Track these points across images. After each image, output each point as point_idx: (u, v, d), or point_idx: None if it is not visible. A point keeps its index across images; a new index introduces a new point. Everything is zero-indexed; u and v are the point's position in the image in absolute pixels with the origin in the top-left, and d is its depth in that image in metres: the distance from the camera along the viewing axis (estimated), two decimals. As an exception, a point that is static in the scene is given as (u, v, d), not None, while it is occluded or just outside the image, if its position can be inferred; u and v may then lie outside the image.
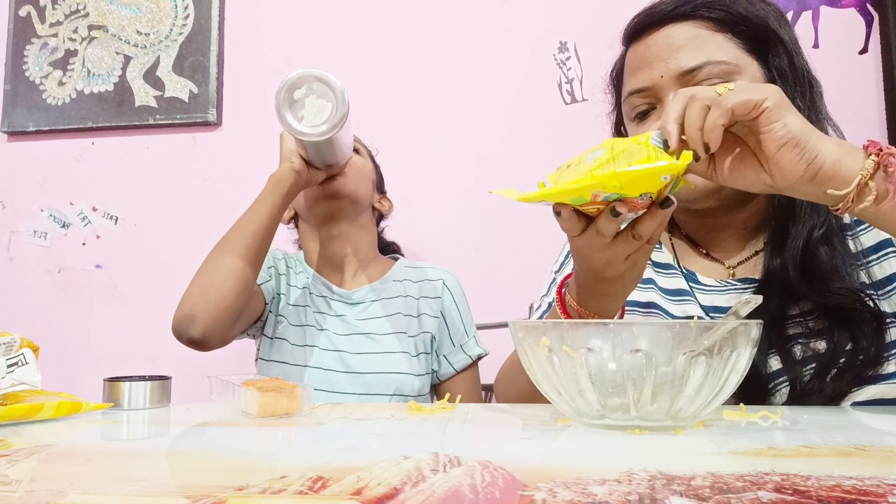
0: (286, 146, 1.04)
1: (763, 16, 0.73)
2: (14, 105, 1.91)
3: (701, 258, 0.82)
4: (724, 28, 0.72)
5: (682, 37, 0.72)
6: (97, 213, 1.87)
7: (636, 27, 0.77)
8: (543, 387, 0.56)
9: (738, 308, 0.55)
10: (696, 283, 0.80)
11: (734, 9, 0.72)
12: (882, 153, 0.53)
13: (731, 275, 0.79)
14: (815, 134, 0.55)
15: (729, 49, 0.72)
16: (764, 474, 0.36)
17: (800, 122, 0.54)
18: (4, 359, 0.65)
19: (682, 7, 0.73)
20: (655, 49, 0.74)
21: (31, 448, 0.48)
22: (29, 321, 1.83)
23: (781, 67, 0.72)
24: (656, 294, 0.82)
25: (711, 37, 0.72)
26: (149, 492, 0.35)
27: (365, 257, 1.20)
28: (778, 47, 0.73)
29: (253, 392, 0.63)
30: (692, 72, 0.71)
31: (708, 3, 0.73)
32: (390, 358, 1.11)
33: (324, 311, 1.15)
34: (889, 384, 0.68)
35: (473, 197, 1.68)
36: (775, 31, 0.73)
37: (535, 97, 1.70)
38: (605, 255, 0.59)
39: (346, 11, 1.80)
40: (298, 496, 0.33)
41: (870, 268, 0.72)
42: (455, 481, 0.35)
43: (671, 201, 0.56)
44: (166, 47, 1.86)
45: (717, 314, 0.77)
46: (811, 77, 0.75)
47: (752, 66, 0.72)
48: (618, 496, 0.32)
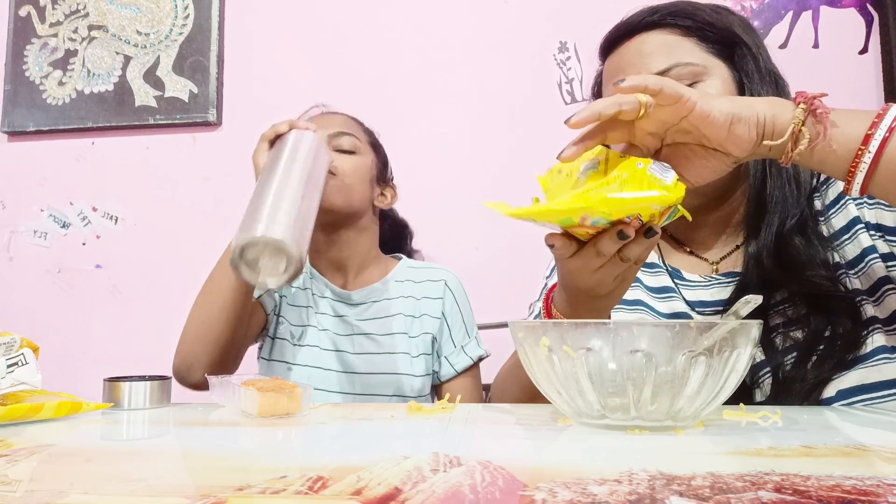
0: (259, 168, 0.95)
1: (728, 22, 0.78)
2: (14, 105, 1.91)
3: (685, 255, 0.85)
4: (690, 34, 0.77)
5: (652, 44, 0.77)
6: (97, 213, 1.87)
7: (609, 40, 0.82)
8: (543, 387, 0.56)
9: (738, 308, 0.55)
10: (680, 280, 0.83)
11: (700, 16, 0.77)
12: (808, 99, 0.57)
13: (714, 270, 0.82)
14: (746, 102, 0.59)
15: (696, 53, 0.76)
16: (764, 474, 0.36)
17: (729, 101, 0.58)
18: (4, 359, 0.65)
19: (650, 17, 0.78)
20: (628, 57, 0.79)
21: (31, 448, 0.48)
22: (29, 321, 1.83)
23: (747, 69, 0.76)
24: (642, 292, 0.84)
25: (680, 42, 0.77)
26: (149, 492, 0.35)
27: (365, 258, 1.19)
28: (742, 49, 0.77)
29: (253, 392, 0.63)
30: (662, 74, 0.74)
31: (674, 12, 0.78)
32: (390, 358, 1.10)
33: (325, 311, 1.15)
34: (869, 367, 0.69)
35: (473, 196, 1.68)
36: (740, 36, 0.77)
37: (535, 97, 1.70)
38: (596, 276, 0.61)
39: (345, 12, 1.80)
40: (298, 496, 0.33)
41: (843, 248, 0.74)
42: (455, 481, 0.35)
43: (654, 231, 0.58)
44: (166, 47, 1.86)
45: (703, 308, 0.80)
46: (777, 76, 0.79)
47: (720, 68, 0.76)
48: (618, 496, 0.32)
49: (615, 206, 0.54)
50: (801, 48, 1.59)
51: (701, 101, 0.56)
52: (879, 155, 0.56)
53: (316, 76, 1.79)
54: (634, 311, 0.83)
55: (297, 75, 1.80)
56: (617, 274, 0.61)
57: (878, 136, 0.56)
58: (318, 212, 1.06)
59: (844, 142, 0.57)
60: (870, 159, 0.56)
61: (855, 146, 0.56)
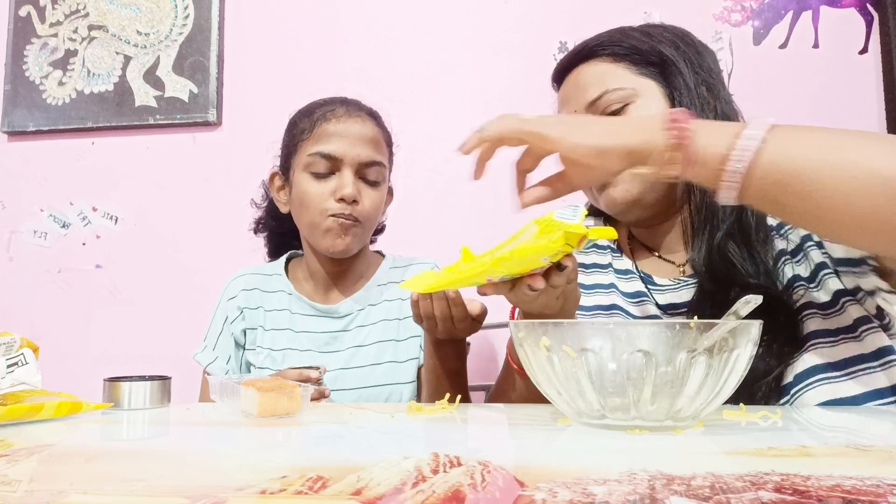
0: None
1: (655, 43, 0.83)
2: (14, 105, 1.91)
3: (654, 259, 0.89)
4: (620, 59, 0.82)
5: (587, 75, 0.83)
6: (97, 213, 1.87)
7: (556, 73, 0.89)
8: (543, 387, 0.56)
9: (738, 308, 0.55)
10: (652, 285, 0.86)
11: (627, 42, 0.83)
12: (673, 127, 0.59)
13: (682, 272, 0.85)
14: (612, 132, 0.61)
15: (627, 77, 0.81)
16: (764, 474, 0.36)
17: (592, 135, 0.62)
18: (4, 359, 0.65)
19: (583, 51, 0.85)
20: (568, 89, 0.86)
21: (31, 448, 0.48)
22: (29, 321, 1.83)
23: (677, 84, 0.81)
24: (618, 297, 0.89)
25: (611, 69, 0.82)
26: (149, 492, 0.35)
27: (355, 270, 1.14)
28: (671, 67, 0.82)
29: (253, 392, 0.63)
30: (595, 101, 0.81)
31: (605, 42, 0.84)
32: (376, 370, 1.07)
33: (306, 329, 1.10)
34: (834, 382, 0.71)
35: (472, 197, 1.68)
36: (667, 55, 0.82)
37: (535, 97, 1.70)
38: (539, 302, 0.66)
39: (345, 12, 1.80)
40: (298, 496, 0.33)
41: (798, 263, 0.78)
42: (455, 481, 0.35)
43: (564, 266, 0.63)
44: (166, 47, 1.86)
45: (674, 311, 0.83)
46: (709, 83, 0.82)
47: (650, 87, 0.81)
48: (618, 496, 0.32)
49: (508, 265, 0.60)
50: (801, 48, 1.59)
51: (564, 139, 0.62)
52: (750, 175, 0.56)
53: (316, 76, 1.79)
54: (611, 315, 0.87)
55: (298, 75, 1.80)
56: (556, 295, 0.66)
57: (735, 157, 0.56)
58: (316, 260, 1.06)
59: (710, 162, 0.58)
60: (736, 179, 0.56)
61: (720, 166, 0.57)
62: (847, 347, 0.72)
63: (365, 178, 1.06)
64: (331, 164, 1.05)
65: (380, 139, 1.10)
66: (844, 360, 0.72)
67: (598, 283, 0.92)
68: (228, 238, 1.68)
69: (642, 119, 0.64)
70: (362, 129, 1.07)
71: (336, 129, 1.06)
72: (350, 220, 1.04)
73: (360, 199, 1.05)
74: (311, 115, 1.09)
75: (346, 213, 1.04)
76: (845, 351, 0.72)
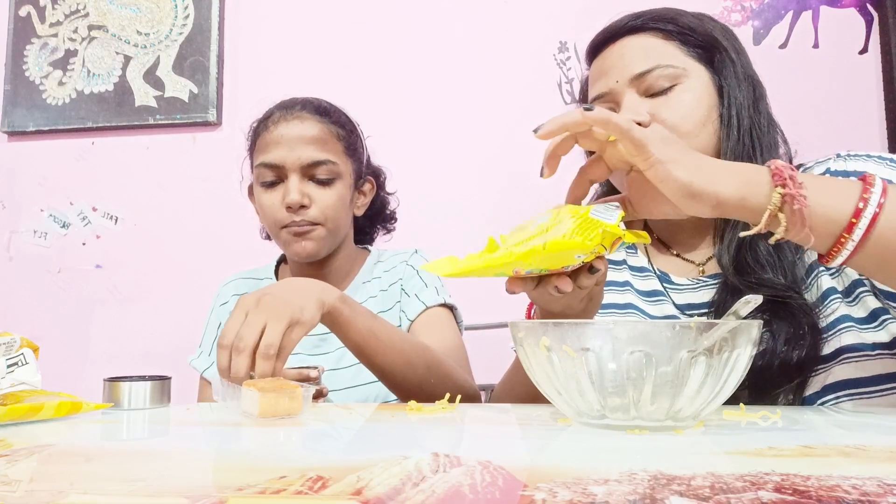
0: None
1: (709, 28, 0.80)
2: (14, 105, 1.91)
3: (672, 258, 0.87)
4: (672, 38, 0.79)
5: (633, 48, 0.79)
6: (97, 213, 1.87)
7: (595, 44, 0.84)
8: (543, 387, 0.56)
9: (738, 308, 0.55)
10: (669, 284, 0.84)
11: (681, 21, 0.79)
12: (787, 185, 0.53)
13: (701, 272, 0.83)
14: (710, 174, 0.55)
15: (677, 56, 0.78)
16: (764, 474, 0.36)
17: (693, 169, 0.55)
18: (4, 359, 0.65)
19: (633, 22, 0.80)
20: (611, 60, 0.80)
21: (31, 448, 0.48)
22: (29, 321, 1.83)
23: (726, 73, 0.78)
24: (633, 296, 0.86)
25: (661, 46, 0.79)
26: (149, 492, 0.35)
27: (339, 270, 1.12)
28: (723, 55, 0.79)
29: (254, 392, 0.63)
30: (643, 75, 0.77)
31: (656, 17, 0.80)
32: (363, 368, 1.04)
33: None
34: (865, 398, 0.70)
35: (472, 196, 1.68)
36: (720, 41, 0.79)
37: (535, 97, 1.70)
38: (562, 303, 0.64)
39: (345, 12, 1.80)
40: (298, 496, 0.33)
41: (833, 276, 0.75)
42: (455, 481, 0.35)
43: (596, 269, 0.60)
44: (166, 47, 1.86)
45: (692, 311, 0.81)
46: (755, 81, 0.80)
47: (699, 71, 0.78)
48: (618, 496, 0.32)
49: (540, 258, 0.56)
50: (801, 48, 1.59)
51: (661, 164, 0.55)
52: (865, 240, 0.53)
53: (316, 76, 1.79)
54: (626, 314, 0.84)
55: (298, 75, 1.80)
56: (581, 297, 0.64)
57: (862, 224, 0.53)
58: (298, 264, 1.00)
59: (824, 225, 0.54)
60: (853, 246, 0.54)
61: (837, 231, 0.54)
62: (883, 363, 0.69)
63: (314, 178, 1.03)
64: (276, 172, 1.02)
65: (326, 136, 1.04)
66: (879, 377, 0.69)
67: (611, 281, 0.88)
68: (228, 238, 1.68)
69: (746, 169, 0.57)
70: (301, 129, 1.03)
71: (273, 137, 1.03)
72: (304, 226, 1.01)
73: (310, 202, 1.01)
74: (256, 125, 1.08)
75: (296, 220, 1.01)
76: (881, 367, 0.69)
